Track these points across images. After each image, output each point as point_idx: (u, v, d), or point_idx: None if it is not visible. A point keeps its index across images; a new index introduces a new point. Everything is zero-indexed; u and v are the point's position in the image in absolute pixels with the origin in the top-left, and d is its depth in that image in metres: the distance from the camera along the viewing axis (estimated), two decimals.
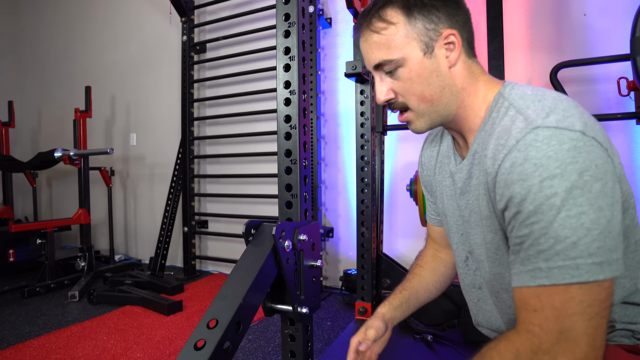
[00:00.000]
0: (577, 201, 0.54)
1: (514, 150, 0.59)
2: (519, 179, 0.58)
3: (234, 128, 2.97)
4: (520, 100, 0.66)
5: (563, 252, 0.55)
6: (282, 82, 1.13)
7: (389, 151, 2.41)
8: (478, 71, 0.75)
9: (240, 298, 0.85)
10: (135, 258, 3.50)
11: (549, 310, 0.55)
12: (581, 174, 0.55)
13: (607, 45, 1.97)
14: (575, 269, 0.54)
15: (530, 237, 0.57)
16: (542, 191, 0.55)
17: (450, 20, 0.71)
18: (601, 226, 0.55)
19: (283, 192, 1.12)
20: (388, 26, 0.71)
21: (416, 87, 0.72)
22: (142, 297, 2.30)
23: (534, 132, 0.58)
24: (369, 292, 1.97)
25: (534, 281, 0.57)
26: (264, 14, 2.80)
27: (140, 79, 3.47)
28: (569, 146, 0.56)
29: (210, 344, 0.78)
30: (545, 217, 0.55)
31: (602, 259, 0.54)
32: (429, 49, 0.70)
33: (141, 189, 3.51)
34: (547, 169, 0.55)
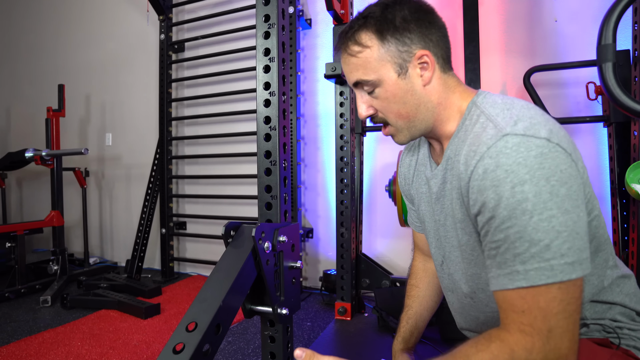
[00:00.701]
0: (546, 205, 0.57)
1: (486, 157, 0.62)
2: (492, 185, 0.60)
3: (213, 128, 2.94)
4: (490, 109, 0.69)
5: (538, 255, 0.57)
6: (261, 84, 1.13)
7: (368, 152, 2.44)
8: (454, 84, 0.77)
9: (219, 300, 0.85)
10: (111, 261, 3.43)
11: (536, 310, 0.58)
12: (548, 179, 0.58)
13: (577, 50, 2.04)
14: (550, 270, 0.57)
15: (506, 242, 0.60)
16: (514, 197, 0.58)
17: (423, 41, 0.73)
18: (569, 228, 0.58)
19: (263, 194, 1.12)
20: (363, 49, 0.74)
21: (392, 106, 0.75)
22: (118, 300, 2.25)
23: (504, 139, 0.61)
24: (349, 292, 1.99)
25: (512, 284, 0.59)
26: (244, 13, 2.78)
27: (117, 77, 3.40)
28: (536, 153, 0.59)
29: (189, 347, 0.78)
30: (519, 221, 0.58)
31: (574, 259, 0.57)
32: (403, 70, 0.73)
33: (117, 190, 3.44)
34: (518, 175, 0.58)
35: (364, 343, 1.72)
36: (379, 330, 1.80)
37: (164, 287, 2.68)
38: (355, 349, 1.69)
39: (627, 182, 1.49)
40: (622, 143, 1.73)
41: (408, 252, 2.38)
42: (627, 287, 0.73)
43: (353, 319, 1.98)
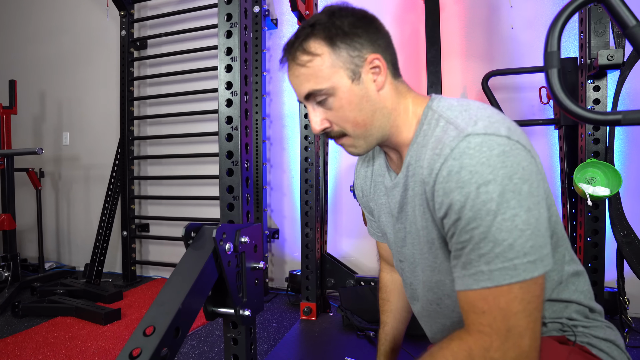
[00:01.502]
0: (509, 204, 0.58)
1: (450, 158, 0.62)
2: (457, 187, 0.61)
3: (177, 128, 2.88)
4: (448, 112, 0.69)
5: (502, 255, 0.58)
6: (223, 83, 1.12)
7: (332, 153, 2.46)
8: (405, 90, 0.77)
9: (179, 303, 0.83)
10: (69, 265, 3.28)
11: (496, 311, 0.59)
12: (511, 177, 0.59)
13: (532, 56, 2.14)
14: (514, 270, 0.58)
15: (471, 242, 0.60)
16: (479, 197, 0.59)
17: (372, 45, 0.73)
18: (531, 226, 0.59)
19: (224, 194, 1.11)
20: (313, 58, 0.72)
21: (348, 114, 0.74)
22: (75, 306, 2.16)
23: (466, 139, 0.61)
24: (314, 292, 2.00)
25: (477, 284, 0.60)
26: (208, 12, 2.74)
27: (74, 74, 3.26)
28: (498, 151, 0.60)
29: (146, 351, 0.76)
30: (483, 222, 0.59)
31: (536, 257, 0.59)
32: (356, 75, 0.72)
33: (75, 192, 3.30)
34: (482, 175, 0.59)
35: (329, 342, 1.74)
36: (344, 329, 1.82)
37: (126, 291, 2.60)
38: (320, 348, 1.70)
39: (574, 182, 1.57)
40: (571, 145, 1.83)
41: (373, 252, 2.41)
42: (582, 284, 0.75)
43: (318, 318, 1.99)
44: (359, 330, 1.74)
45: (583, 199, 1.59)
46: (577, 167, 1.59)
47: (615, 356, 0.71)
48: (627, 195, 1.98)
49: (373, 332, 1.69)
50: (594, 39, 1.61)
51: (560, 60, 0.72)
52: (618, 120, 0.70)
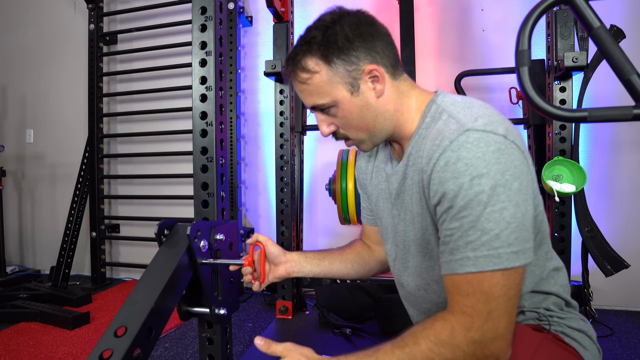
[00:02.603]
0: (499, 197, 0.62)
1: (448, 150, 0.65)
2: (452, 177, 0.64)
3: (148, 126, 2.81)
4: (452, 107, 0.73)
5: (488, 243, 0.62)
6: (197, 78, 1.10)
7: (308, 151, 2.45)
8: (407, 88, 0.79)
9: (152, 302, 0.81)
10: (33, 269, 3.14)
11: (479, 293, 0.63)
12: (503, 173, 0.63)
13: (502, 58, 2.21)
14: (498, 258, 0.62)
15: (460, 230, 0.64)
16: (472, 188, 0.63)
17: (370, 55, 0.74)
18: (518, 219, 0.63)
19: (199, 191, 1.09)
20: (312, 75, 0.75)
21: (351, 122, 0.78)
22: (40, 311, 2.07)
23: (465, 134, 0.65)
24: (290, 290, 1.99)
25: (462, 269, 0.64)
26: (181, 7, 2.69)
27: (39, 69, 3.12)
28: (494, 148, 0.64)
29: (117, 353, 0.73)
30: (474, 211, 0.63)
31: (519, 248, 0.63)
32: (355, 87, 0.75)
33: (40, 192, 3.16)
34: (477, 168, 0.63)
35: (305, 340, 1.73)
36: (320, 327, 1.82)
37: (95, 294, 2.51)
38: None
39: (543, 179, 1.63)
40: (539, 144, 1.90)
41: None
42: (561, 279, 0.79)
43: (294, 317, 1.98)
44: (335, 328, 1.74)
45: (551, 196, 1.65)
46: (545, 165, 1.65)
47: (586, 346, 0.75)
48: (591, 192, 2.07)
49: (350, 330, 1.70)
50: (560, 42, 1.68)
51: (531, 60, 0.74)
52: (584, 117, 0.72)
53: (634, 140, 2.07)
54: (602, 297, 2.08)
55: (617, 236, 2.02)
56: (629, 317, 1.97)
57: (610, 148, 2.11)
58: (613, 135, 2.10)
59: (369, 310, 1.80)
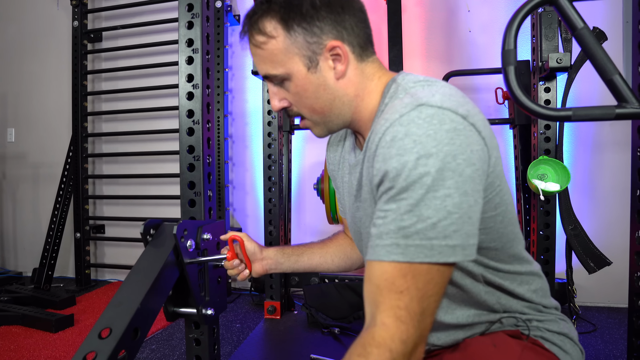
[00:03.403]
0: (445, 183, 0.55)
1: (396, 123, 0.58)
2: (397, 154, 0.57)
3: (134, 125, 2.77)
4: (411, 83, 0.66)
5: (422, 232, 0.55)
6: (184, 75, 1.09)
7: (296, 150, 2.45)
8: (372, 71, 0.72)
9: (137, 302, 0.79)
10: (15, 271, 3.07)
11: (414, 291, 0.55)
12: (455, 156, 0.55)
13: (488, 59, 2.23)
14: (430, 249, 0.55)
15: (395, 212, 0.57)
16: (417, 169, 0.55)
17: (335, 29, 0.67)
18: (462, 210, 0.56)
19: (186, 190, 1.07)
20: (268, 40, 0.67)
21: (305, 100, 0.70)
22: (22, 314, 2.02)
23: (418, 109, 0.58)
24: (278, 290, 1.98)
25: (388, 256, 0.56)
26: (168, 4, 2.65)
27: (21, 66, 3.05)
28: (449, 127, 0.56)
29: (102, 355, 0.72)
30: (414, 194, 0.55)
31: (457, 243, 0.56)
32: (313, 63, 0.67)
33: (22, 192, 3.09)
34: (425, 147, 0.55)
35: (294, 340, 1.73)
36: (309, 327, 1.82)
37: (79, 296, 2.46)
38: (285, 347, 1.69)
39: (528, 178, 1.65)
40: (525, 143, 1.92)
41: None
42: (535, 284, 0.74)
43: (283, 317, 1.98)
44: (323, 327, 1.74)
45: (536, 195, 1.68)
46: (530, 164, 1.67)
47: (567, 349, 0.72)
48: (575, 191, 2.11)
49: (338, 329, 1.70)
50: (545, 43, 1.70)
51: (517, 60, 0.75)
52: (569, 116, 0.73)
53: (616, 140, 2.12)
54: (585, 294, 2.12)
55: (600, 234, 2.06)
56: (611, 313, 2.01)
57: (593, 148, 2.15)
58: (596, 135, 2.14)
59: (357, 310, 1.80)
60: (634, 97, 0.70)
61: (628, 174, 1.14)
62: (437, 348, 0.74)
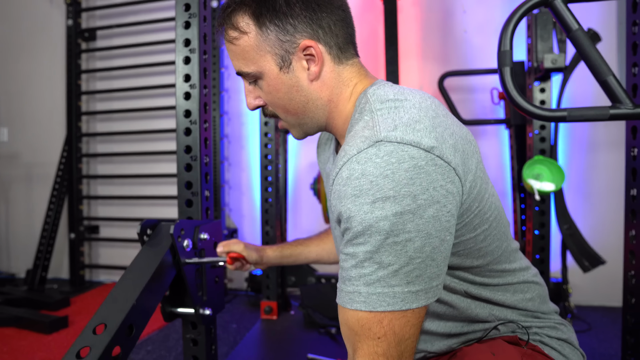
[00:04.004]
0: (405, 227, 0.52)
1: (354, 160, 0.55)
2: (353, 195, 0.54)
3: (129, 125, 2.75)
4: (378, 104, 0.61)
5: (384, 279, 0.53)
6: (181, 75, 1.08)
7: (292, 151, 2.45)
8: (350, 76, 0.68)
9: (132, 299, 0.78)
10: (7, 272, 3.04)
11: (391, 336, 0.54)
12: (415, 197, 0.52)
13: (484, 59, 2.24)
14: (392, 297, 0.54)
15: (354, 258, 0.55)
16: (373, 212, 0.52)
17: (310, 28, 0.63)
18: (424, 254, 0.54)
19: (183, 190, 1.07)
20: (240, 36, 0.65)
21: (278, 101, 0.68)
22: (15, 316, 2.00)
23: (376, 145, 0.54)
24: (274, 290, 1.98)
25: (351, 304, 0.56)
26: (164, 3, 2.64)
27: (14, 65, 3.02)
28: (409, 165, 0.53)
29: (95, 350, 0.70)
30: (372, 240, 0.53)
31: (420, 288, 0.54)
32: (286, 62, 0.65)
33: (15, 192, 3.06)
34: (382, 189, 0.52)
35: (291, 340, 1.73)
36: (306, 327, 1.82)
37: (73, 297, 2.44)
38: (282, 347, 1.69)
39: (523, 178, 1.66)
40: (520, 143, 1.94)
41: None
42: (531, 291, 0.72)
43: (279, 317, 1.97)
44: (320, 327, 1.74)
45: (531, 194, 1.69)
46: (525, 164, 1.68)
47: (567, 354, 0.70)
48: (570, 190, 2.12)
49: (335, 329, 1.70)
50: (540, 44, 1.71)
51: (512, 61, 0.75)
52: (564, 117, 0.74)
53: (610, 140, 2.13)
54: (580, 293, 2.13)
55: (594, 233, 2.07)
56: (606, 312, 2.03)
57: (587, 148, 2.16)
58: (590, 136, 2.16)
59: None
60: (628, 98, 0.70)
61: (622, 174, 1.15)
62: (432, 355, 0.74)
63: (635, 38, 1.05)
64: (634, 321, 1.07)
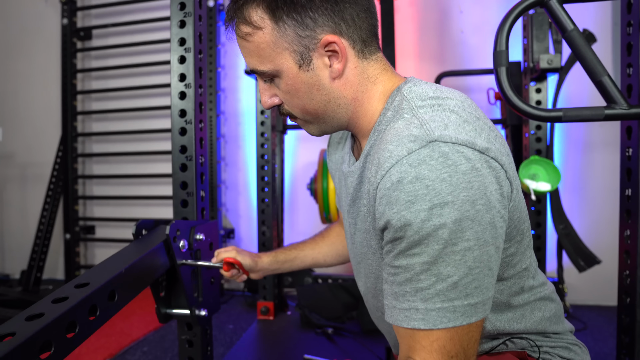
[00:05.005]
0: (464, 235, 0.49)
1: (405, 162, 0.51)
2: (407, 200, 0.50)
3: (125, 124, 2.74)
4: (418, 101, 0.57)
5: (443, 293, 0.50)
6: (176, 75, 1.08)
7: (289, 150, 2.44)
8: (376, 72, 0.63)
9: (121, 267, 0.75)
10: (2, 273, 3.02)
11: (462, 354, 0.52)
12: (474, 202, 0.49)
13: (480, 59, 2.25)
14: (453, 312, 0.50)
15: (409, 271, 0.51)
16: (431, 220, 0.49)
17: (331, 22, 0.58)
18: (483, 263, 0.51)
19: (178, 191, 1.06)
20: (254, 31, 0.59)
21: (296, 100, 0.63)
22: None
23: (430, 146, 0.50)
24: (271, 290, 1.97)
25: (408, 322, 0.52)
26: (159, 3, 2.63)
27: (7, 64, 3.00)
28: (466, 168, 0.50)
29: (73, 298, 0.65)
30: (429, 250, 0.49)
31: (478, 300, 0.51)
32: (305, 60, 0.59)
33: (9, 193, 3.04)
34: (440, 194, 0.49)
35: (288, 341, 1.72)
36: (302, 327, 1.82)
37: None
38: (278, 347, 1.68)
39: (520, 178, 1.67)
40: (516, 143, 1.94)
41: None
42: (549, 309, 0.68)
43: (276, 318, 1.97)
44: (317, 328, 1.74)
45: (527, 194, 1.69)
46: (521, 164, 1.69)
47: None
48: (565, 190, 2.13)
49: (332, 329, 1.70)
50: (536, 44, 1.72)
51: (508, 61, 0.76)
52: (560, 117, 0.74)
53: (605, 140, 2.14)
54: (575, 292, 2.14)
55: (590, 233, 2.08)
56: (601, 311, 2.04)
57: (583, 148, 2.17)
58: (586, 136, 2.17)
59: (351, 310, 1.80)
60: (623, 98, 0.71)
61: (617, 174, 1.15)
62: None
63: (630, 39, 1.05)
64: (629, 320, 1.07)
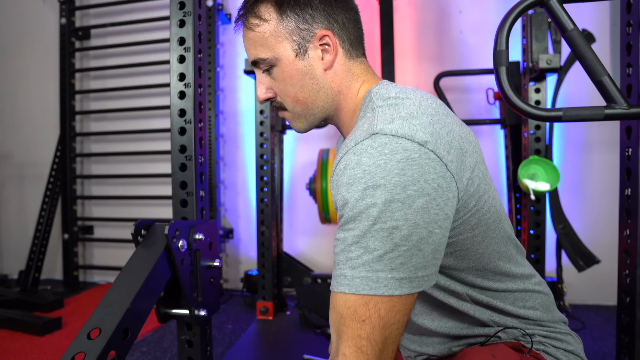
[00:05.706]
0: (394, 215, 0.54)
1: (351, 152, 0.58)
2: (347, 183, 0.57)
3: (124, 124, 2.73)
4: (380, 101, 0.65)
5: (368, 264, 0.55)
6: (176, 74, 1.07)
7: (288, 150, 2.44)
8: (359, 72, 0.73)
9: (127, 303, 0.78)
10: (0, 273, 3.01)
11: (376, 319, 0.55)
12: (405, 187, 0.54)
13: (479, 59, 2.25)
14: (376, 282, 0.54)
15: (344, 243, 0.57)
16: (364, 199, 0.55)
17: (326, 20, 0.69)
18: (410, 243, 0.55)
19: (177, 190, 1.06)
20: (261, 23, 0.69)
21: (289, 88, 0.71)
22: (7, 317, 1.98)
23: (372, 137, 0.57)
24: (270, 290, 1.97)
25: (337, 287, 0.57)
26: (158, 2, 2.63)
27: (5, 64, 2.99)
28: (401, 157, 0.55)
29: (90, 355, 0.70)
30: (361, 225, 0.55)
31: (403, 276, 0.55)
32: (302, 49, 0.69)
33: (7, 193, 3.03)
34: (373, 177, 0.55)
35: (287, 341, 1.72)
36: (302, 327, 1.81)
37: (67, 298, 2.42)
38: (277, 347, 1.68)
39: (519, 178, 1.67)
40: (515, 143, 1.94)
41: (328, 249, 2.43)
42: (533, 300, 0.72)
43: (275, 318, 1.97)
44: (316, 328, 1.74)
45: (527, 194, 1.69)
46: (520, 164, 1.69)
47: None
48: (564, 190, 2.13)
49: None
50: (535, 44, 1.72)
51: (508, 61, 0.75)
52: (559, 117, 0.74)
53: (604, 140, 2.15)
54: (574, 292, 2.14)
55: (589, 233, 2.09)
56: (600, 311, 2.04)
57: (582, 148, 2.18)
58: (585, 136, 2.17)
59: None
60: (622, 98, 0.70)
61: (616, 174, 1.15)
62: (433, 358, 0.74)
63: (630, 38, 1.05)
64: (628, 320, 1.07)
